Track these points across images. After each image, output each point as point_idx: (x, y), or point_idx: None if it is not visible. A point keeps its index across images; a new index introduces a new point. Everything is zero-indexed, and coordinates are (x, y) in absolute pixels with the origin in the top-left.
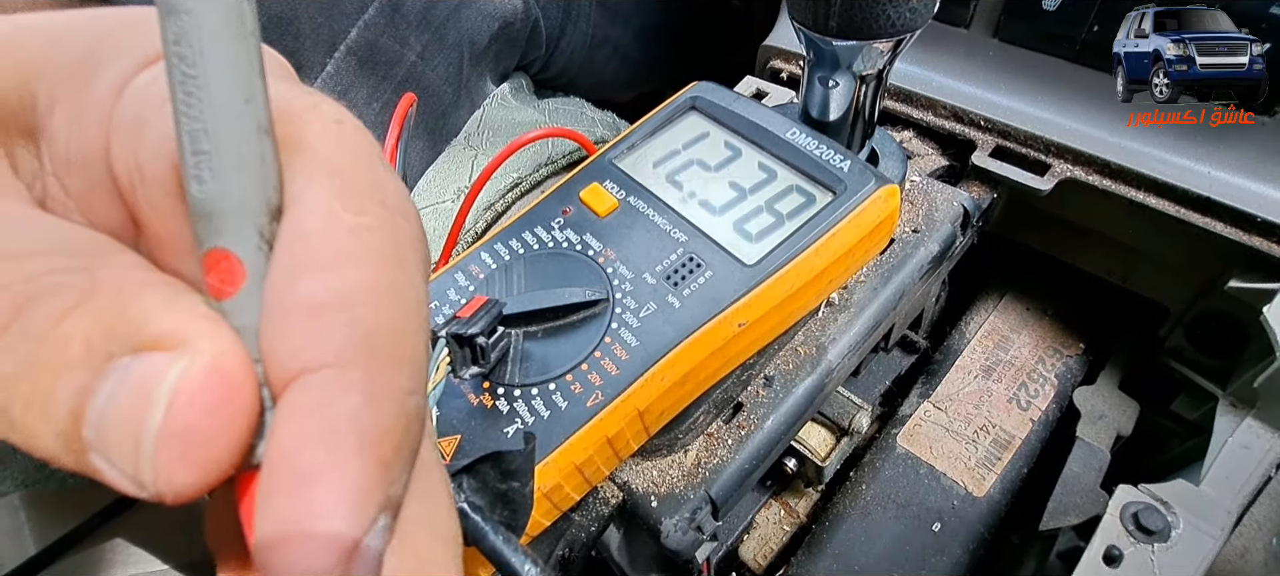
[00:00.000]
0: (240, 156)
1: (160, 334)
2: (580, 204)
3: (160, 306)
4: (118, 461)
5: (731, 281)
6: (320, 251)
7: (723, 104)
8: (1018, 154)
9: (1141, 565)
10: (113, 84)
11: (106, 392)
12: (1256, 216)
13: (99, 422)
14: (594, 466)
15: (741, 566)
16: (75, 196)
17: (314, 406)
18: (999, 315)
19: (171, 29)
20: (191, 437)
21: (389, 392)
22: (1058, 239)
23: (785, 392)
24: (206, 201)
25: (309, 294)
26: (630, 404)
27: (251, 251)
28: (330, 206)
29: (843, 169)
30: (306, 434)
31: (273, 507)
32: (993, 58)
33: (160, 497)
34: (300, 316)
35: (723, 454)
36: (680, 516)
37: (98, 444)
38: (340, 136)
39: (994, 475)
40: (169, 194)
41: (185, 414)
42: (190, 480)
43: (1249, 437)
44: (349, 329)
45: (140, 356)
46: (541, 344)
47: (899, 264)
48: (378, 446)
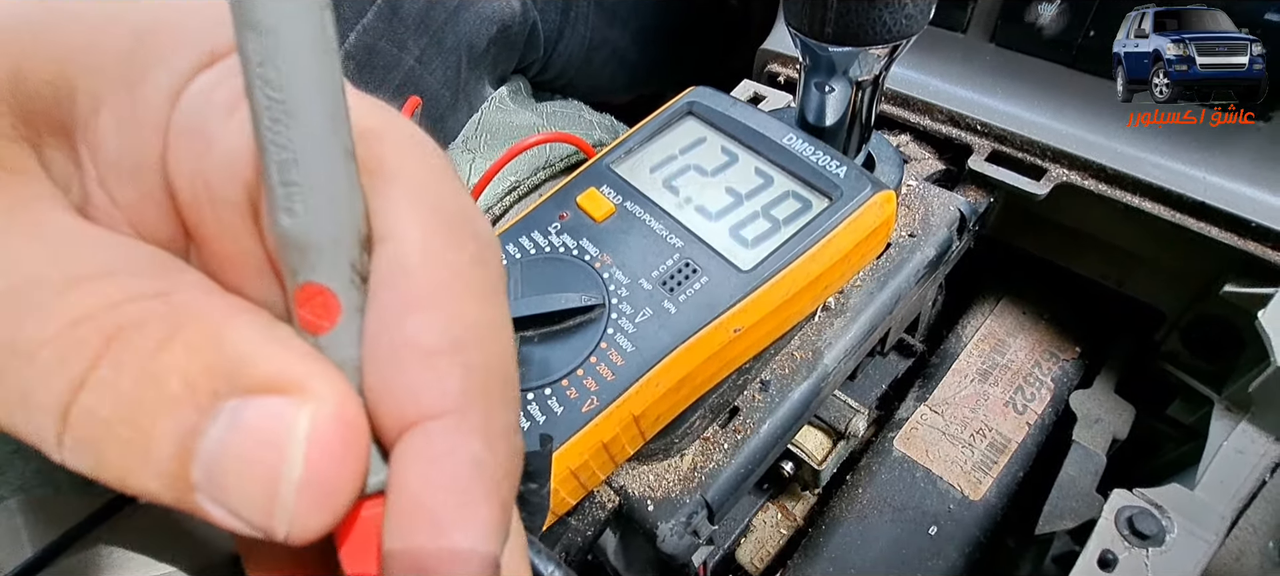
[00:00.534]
0: (333, 186)
1: (271, 377)
2: (577, 209)
3: (260, 343)
4: (241, 506)
5: (727, 287)
6: (424, 290)
7: (720, 109)
8: (1014, 158)
9: (1136, 569)
10: (168, 88)
11: (216, 436)
12: (1251, 221)
13: (213, 467)
14: (590, 471)
15: (738, 569)
16: (123, 206)
17: (440, 455)
18: (995, 319)
19: (254, 50)
20: (325, 486)
21: (503, 433)
22: (1054, 243)
23: (781, 397)
24: (300, 235)
25: (419, 337)
26: (626, 409)
27: (346, 286)
28: (428, 241)
29: (839, 174)
30: (438, 483)
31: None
32: (989, 62)
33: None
34: (414, 362)
35: (719, 458)
36: (676, 520)
37: (210, 487)
38: (422, 158)
39: (990, 479)
40: (240, 214)
41: (319, 463)
42: (321, 524)
43: (1244, 442)
44: (464, 374)
45: (254, 399)
46: (537, 349)
47: (895, 269)
48: (499, 488)
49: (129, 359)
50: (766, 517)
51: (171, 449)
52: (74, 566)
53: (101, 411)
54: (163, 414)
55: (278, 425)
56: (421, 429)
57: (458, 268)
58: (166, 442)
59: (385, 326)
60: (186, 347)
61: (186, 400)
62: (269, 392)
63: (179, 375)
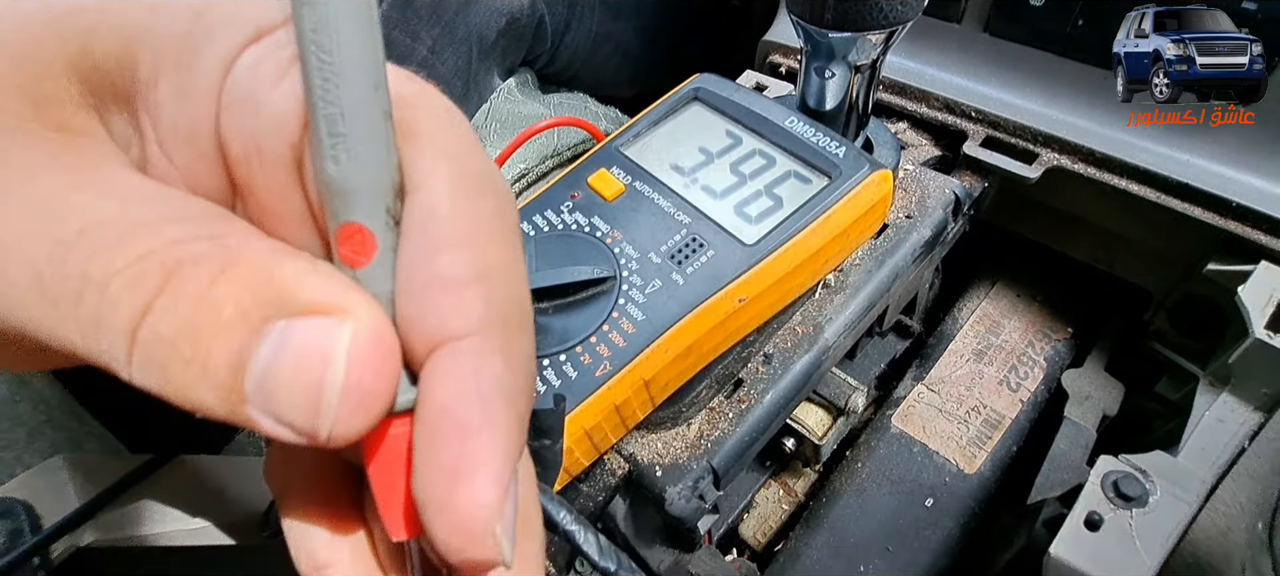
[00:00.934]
0: (372, 139)
1: (315, 301)
2: (588, 189)
3: (304, 275)
4: (288, 413)
5: (732, 260)
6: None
7: (724, 94)
8: (1007, 143)
9: (1120, 529)
10: (220, 60)
11: (266, 353)
12: (1232, 202)
13: (263, 380)
14: (602, 433)
15: (741, 543)
16: (180, 166)
17: (466, 371)
18: (991, 301)
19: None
20: (364, 394)
21: (521, 357)
22: (1047, 227)
23: (784, 369)
24: (343, 180)
25: (448, 270)
26: (637, 374)
27: (382, 226)
28: (454, 192)
29: (838, 154)
30: (464, 394)
31: (439, 456)
32: (983, 51)
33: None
34: (442, 290)
35: (724, 426)
36: (683, 485)
37: (260, 398)
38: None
39: (984, 453)
40: (285, 169)
41: (359, 373)
42: (359, 426)
43: (1224, 412)
44: (486, 302)
45: (300, 321)
46: (552, 319)
47: (893, 248)
48: (517, 403)
49: (188, 288)
50: (769, 494)
51: (226, 365)
52: (115, 519)
53: (165, 332)
54: (219, 335)
55: (322, 341)
56: (449, 348)
57: (481, 215)
58: (222, 360)
59: (416, 262)
60: (239, 279)
61: (239, 323)
62: (313, 315)
63: (233, 302)
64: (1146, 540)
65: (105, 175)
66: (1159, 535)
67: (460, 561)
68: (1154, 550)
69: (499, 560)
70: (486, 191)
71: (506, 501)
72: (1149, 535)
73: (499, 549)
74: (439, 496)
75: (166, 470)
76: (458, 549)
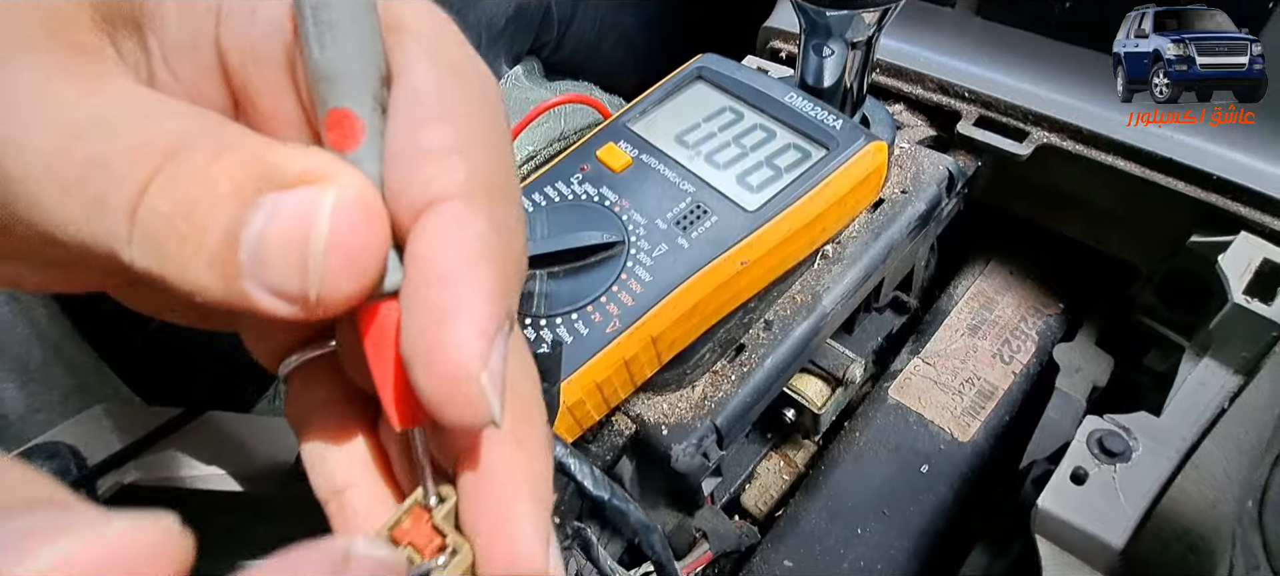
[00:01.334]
0: (357, 25)
1: (303, 171)
2: (597, 161)
3: (295, 154)
4: (279, 278)
5: (735, 225)
6: (435, 109)
7: (726, 73)
8: (999, 122)
9: (1104, 483)
10: None
11: (259, 222)
12: (1213, 175)
13: (257, 247)
14: (612, 387)
15: (743, 512)
16: (184, 81)
17: (449, 227)
18: (985, 278)
19: None
20: (351, 252)
21: (505, 221)
22: (1038, 206)
23: (784, 335)
24: (329, 65)
25: (432, 141)
26: (645, 330)
27: (368, 111)
28: (438, 74)
29: (835, 127)
30: (447, 247)
31: (422, 306)
32: (976, 34)
33: (317, 306)
34: (427, 159)
35: (727, 388)
36: (688, 443)
37: (254, 267)
38: (434, 20)
39: (978, 422)
40: (279, 69)
41: (346, 230)
42: (350, 289)
43: (1206, 375)
44: (470, 169)
45: (289, 192)
46: (564, 282)
47: (889, 221)
48: (501, 261)
49: (185, 167)
50: (769, 465)
51: (221, 237)
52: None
53: (162, 207)
54: (214, 209)
55: (308, 203)
56: (434, 209)
57: (463, 96)
58: (217, 233)
59: (402, 137)
60: (233, 159)
61: (233, 198)
62: (302, 185)
63: (227, 179)
64: (1129, 492)
65: (114, 85)
66: (1140, 487)
67: (448, 416)
68: (1136, 501)
69: (485, 413)
70: (469, 76)
71: (492, 353)
72: (1131, 487)
73: (484, 400)
74: (423, 345)
75: (199, 423)
76: (443, 398)
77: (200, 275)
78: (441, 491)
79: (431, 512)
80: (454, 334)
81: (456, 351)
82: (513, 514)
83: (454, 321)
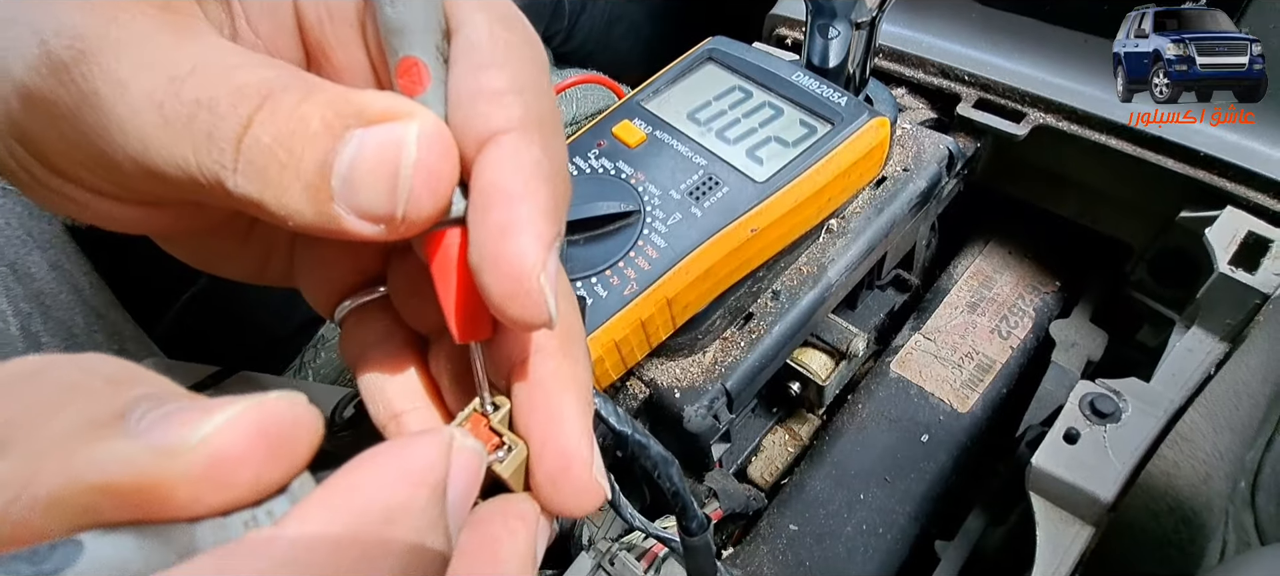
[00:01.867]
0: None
1: (385, 110)
2: (613, 138)
3: (376, 96)
4: (369, 200)
5: (745, 195)
6: (492, 56)
7: (735, 54)
8: (998, 104)
9: (1095, 442)
10: None
11: (349, 153)
12: (1200, 151)
13: (348, 173)
14: (629, 346)
15: (750, 483)
16: (263, 37)
17: (509, 155)
18: (984, 258)
19: None
20: (433, 175)
21: (556, 153)
22: (1036, 188)
23: (791, 304)
24: (398, 20)
25: (490, 83)
26: (660, 293)
27: (433, 60)
28: (492, 26)
29: (840, 104)
30: (509, 172)
31: (489, 220)
32: (976, 19)
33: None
34: (487, 99)
35: (736, 354)
36: (700, 404)
37: (345, 191)
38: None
39: (977, 394)
40: (351, 26)
41: (429, 156)
42: (430, 209)
43: (1193, 343)
44: (524, 107)
45: (374, 127)
46: (583, 249)
47: (891, 197)
48: (554, 184)
49: (281, 106)
50: (775, 438)
51: (316, 167)
52: None
53: (264, 140)
54: (308, 142)
55: (396, 135)
56: (495, 141)
57: (513, 43)
58: (311, 162)
59: (463, 82)
60: (322, 100)
61: (324, 132)
62: (384, 121)
63: (318, 116)
64: (1118, 450)
65: (206, 39)
66: (1129, 446)
67: (512, 313)
68: (1125, 458)
69: (544, 310)
70: (516, 27)
71: (549, 259)
72: (1120, 446)
73: (544, 299)
74: (491, 252)
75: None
76: (509, 296)
77: (295, 199)
78: (496, 400)
79: (489, 418)
80: (518, 242)
81: (520, 257)
82: (563, 415)
83: (518, 232)
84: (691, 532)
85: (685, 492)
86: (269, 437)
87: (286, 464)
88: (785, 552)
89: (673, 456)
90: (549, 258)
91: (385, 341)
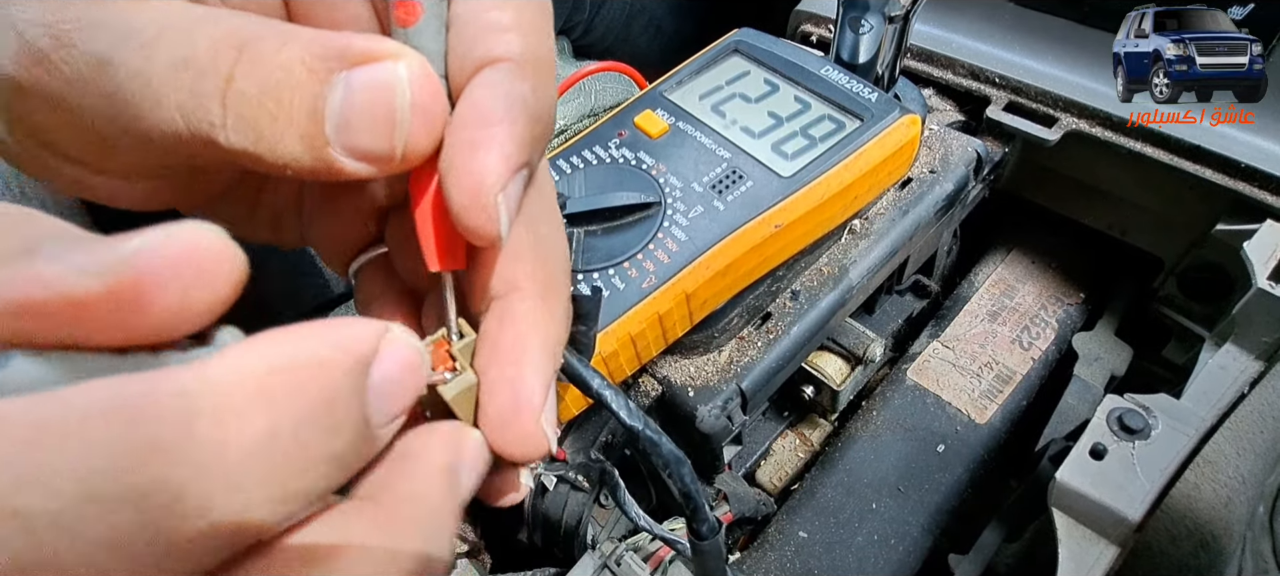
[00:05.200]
0: None
1: (370, 50)
2: (634, 128)
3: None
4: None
5: (769, 190)
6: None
7: (762, 46)
8: (1028, 108)
9: (1123, 458)
10: None
11: (338, 97)
12: (1241, 162)
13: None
14: (645, 341)
15: (759, 487)
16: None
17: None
18: (1006, 266)
19: None
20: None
21: (545, 91)
22: (1064, 195)
23: (810, 305)
24: None
25: (495, 19)
26: (679, 287)
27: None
28: None
29: (870, 100)
30: (493, 95)
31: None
32: (1008, 20)
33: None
34: (489, 31)
35: (753, 354)
36: (714, 404)
37: (340, 135)
38: None
39: (995, 405)
40: None
41: (421, 94)
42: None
43: (1227, 360)
44: (523, 42)
45: (360, 68)
46: (602, 239)
47: (916, 199)
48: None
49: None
50: (785, 443)
51: (306, 112)
52: None
53: (249, 91)
54: (295, 89)
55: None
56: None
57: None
58: (301, 108)
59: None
60: (301, 45)
61: (309, 77)
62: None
63: (300, 62)
64: (1147, 468)
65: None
66: (1158, 464)
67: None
68: (1153, 476)
69: (496, 226)
70: None
71: (511, 182)
72: (1149, 464)
73: (497, 215)
74: (456, 163)
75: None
76: (464, 208)
77: (291, 147)
78: (464, 330)
79: (451, 344)
80: (483, 157)
81: (482, 171)
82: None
83: (486, 149)
84: (702, 536)
85: (697, 494)
86: (191, 260)
87: (209, 292)
88: (794, 560)
89: (685, 455)
90: (512, 180)
91: (386, 295)
